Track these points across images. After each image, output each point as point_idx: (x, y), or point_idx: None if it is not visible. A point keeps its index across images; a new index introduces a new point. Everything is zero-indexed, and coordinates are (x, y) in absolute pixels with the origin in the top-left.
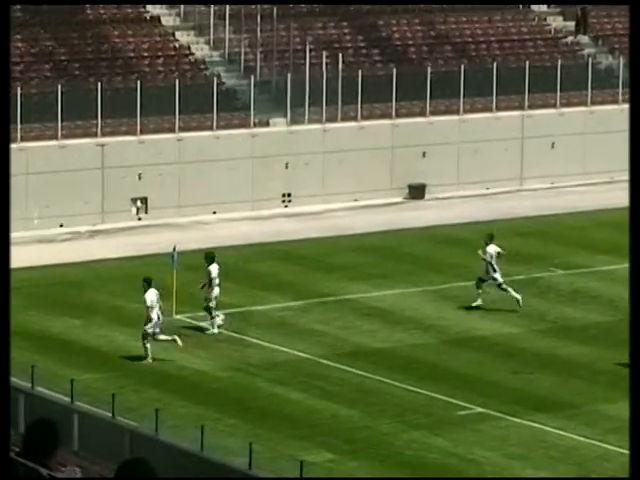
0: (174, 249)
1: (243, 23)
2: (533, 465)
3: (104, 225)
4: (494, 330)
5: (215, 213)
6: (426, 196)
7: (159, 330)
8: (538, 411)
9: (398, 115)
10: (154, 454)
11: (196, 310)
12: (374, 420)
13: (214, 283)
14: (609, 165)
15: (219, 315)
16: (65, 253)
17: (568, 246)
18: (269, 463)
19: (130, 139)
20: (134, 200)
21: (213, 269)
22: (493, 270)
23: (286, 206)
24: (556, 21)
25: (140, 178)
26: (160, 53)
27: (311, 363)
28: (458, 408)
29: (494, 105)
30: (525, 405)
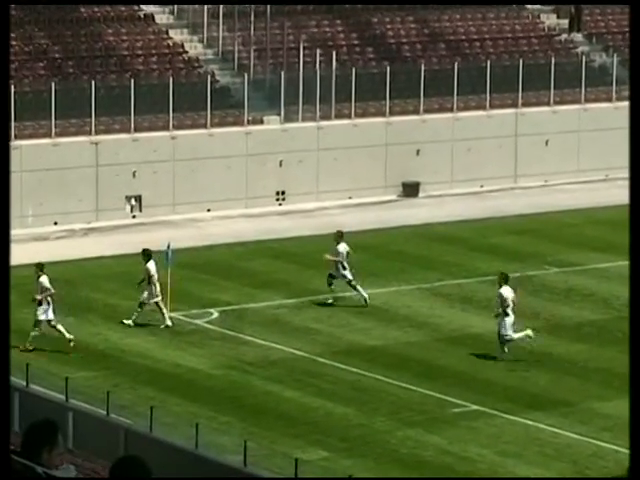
0: (168, 247)
1: (237, 21)
2: (527, 462)
3: (98, 223)
4: (488, 328)
5: (209, 211)
6: (420, 194)
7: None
8: (532, 409)
9: (392, 113)
10: (149, 452)
11: (191, 308)
12: (369, 418)
13: (153, 280)
14: (603, 163)
15: (139, 311)
16: (59, 251)
17: (562, 244)
18: (264, 461)
19: (124, 137)
20: (128, 198)
21: (151, 266)
22: (343, 268)
23: (280, 204)
24: (550, 19)
25: (134, 176)
26: (154, 51)
27: (306, 361)
28: (453, 406)
29: (488, 103)
30: (519, 403)
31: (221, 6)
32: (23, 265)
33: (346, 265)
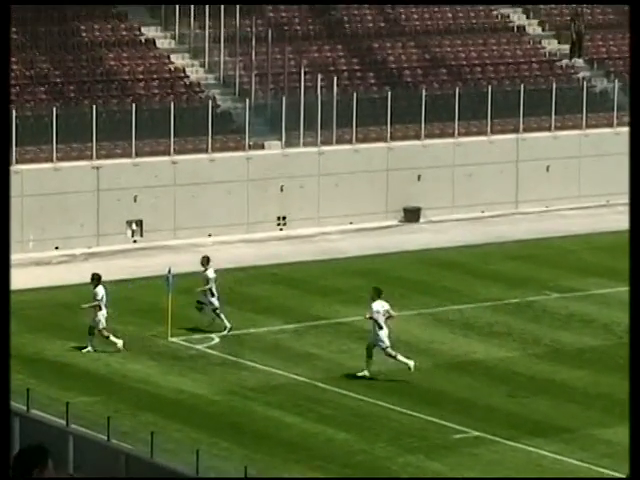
0: (169, 272)
1: (238, 46)
2: None
3: (99, 248)
4: (489, 354)
5: (210, 236)
6: (421, 219)
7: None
8: (534, 435)
9: (393, 138)
10: (150, 478)
11: (191, 333)
12: (370, 444)
13: (102, 304)
14: (604, 188)
15: (111, 336)
16: (60, 275)
17: (563, 270)
18: None
19: (125, 162)
20: (129, 223)
21: (99, 291)
22: (212, 294)
23: (281, 229)
24: (551, 44)
25: (135, 201)
26: (155, 76)
27: (307, 387)
28: (454, 432)
29: (489, 128)
30: (521, 429)
31: (222, 31)
32: (24, 290)
33: (215, 292)
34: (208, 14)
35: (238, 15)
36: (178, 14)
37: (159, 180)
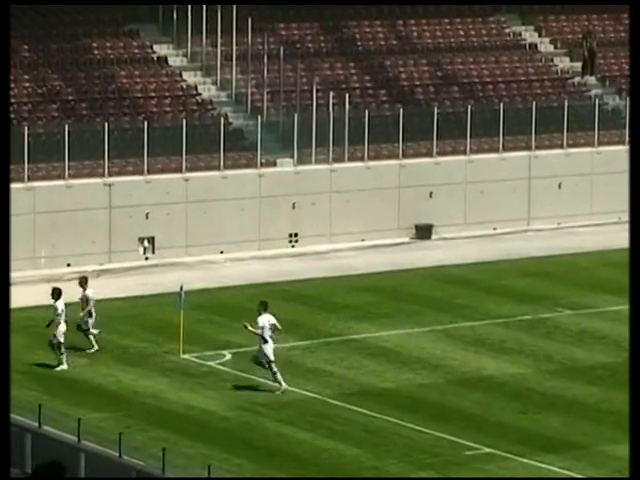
0: (181, 289)
1: (250, 63)
2: None
3: (111, 265)
4: (501, 370)
5: (222, 253)
6: (433, 236)
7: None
8: (545, 451)
9: (405, 155)
10: None
11: (204, 350)
12: (381, 460)
13: (61, 319)
14: (616, 206)
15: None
16: (72, 292)
17: (575, 286)
18: None
19: (137, 179)
20: (141, 240)
21: (59, 305)
22: (89, 315)
23: (293, 246)
24: (563, 62)
25: (147, 218)
26: (167, 93)
27: (318, 403)
28: (465, 448)
29: (501, 145)
30: (532, 445)
31: (234, 48)
32: (35, 307)
33: (93, 312)
34: (220, 31)
35: (250, 32)
36: (190, 32)
37: (171, 197)
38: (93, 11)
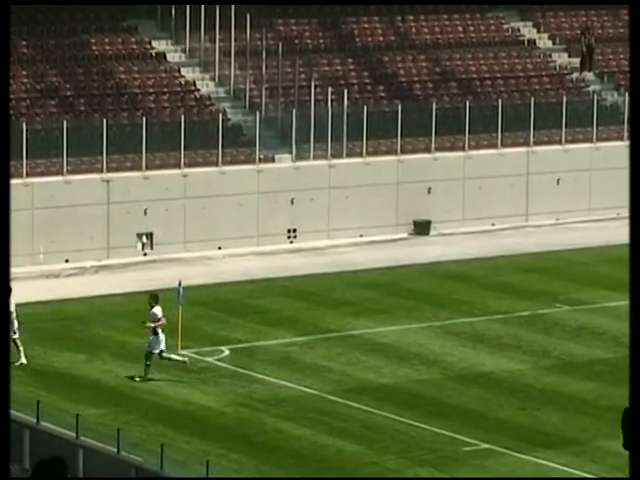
0: (180, 284)
1: (248, 59)
2: None
3: (109, 260)
4: (499, 366)
5: (220, 248)
6: (431, 232)
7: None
8: (544, 447)
9: (403, 151)
10: None
11: (202, 345)
12: (380, 456)
13: (12, 317)
14: (614, 201)
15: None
16: (70, 288)
17: (573, 282)
18: None
19: (135, 175)
20: (139, 235)
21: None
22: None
23: (291, 242)
24: (561, 58)
25: (145, 213)
26: (166, 89)
27: (317, 399)
28: (464, 444)
29: (499, 141)
30: (531, 441)
31: (233, 44)
32: (34, 302)
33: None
34: (218, 27)
35: (248, 28)
36: (188, 28)
37: (169, 193)
38: (91, 7)
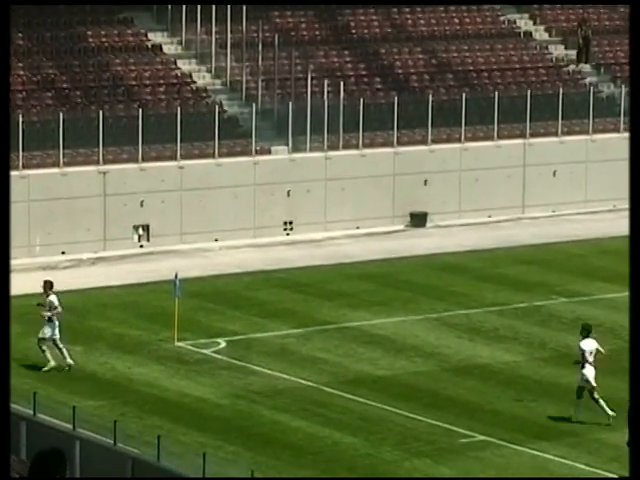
0: (176, 276)
1: (244, 51)
2: None
3: (106, 252)
4: (496, 358)
5: (217, 240)
6: (427, 224)
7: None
8: (540, 439)
9: (400, 143)
10: None
11: (198, 337)
12: (376, 448)
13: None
14: (611, 193)
15: None
16: (67, 280)
17: (570, 274)
18: None
19: (132, 167)
20: (136, 227)
21: None
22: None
23: (288, 234)
24: (557, 50)
25: (142, 205)
26: (162, 81)
27: (313, 391)
28: (460, 436)
29: (495, 133)
30: (527, 433)
31: (229, 36)
32: (30, 294)
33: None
34: (215, 20)
35: (245, 20)
36: (185, 20)
37: (166, 185)
38: None
